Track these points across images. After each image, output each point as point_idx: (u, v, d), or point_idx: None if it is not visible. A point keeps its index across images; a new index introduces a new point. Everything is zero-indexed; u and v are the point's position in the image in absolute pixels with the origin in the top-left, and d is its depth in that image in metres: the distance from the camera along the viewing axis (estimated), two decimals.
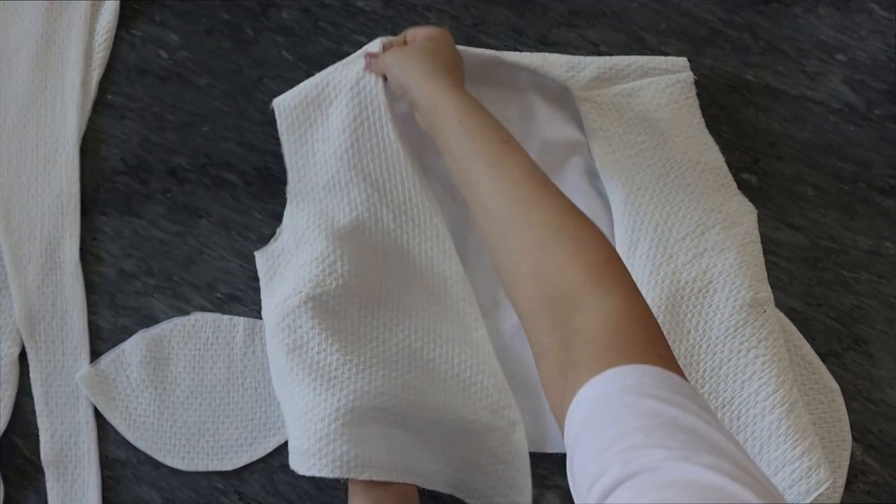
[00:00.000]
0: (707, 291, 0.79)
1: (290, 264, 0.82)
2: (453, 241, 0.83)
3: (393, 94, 0.83)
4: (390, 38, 0.84)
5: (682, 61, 0.86)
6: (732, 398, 0.77)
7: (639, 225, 0.81)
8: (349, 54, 0.90)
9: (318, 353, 0.77)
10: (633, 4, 0.91)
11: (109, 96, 0.91)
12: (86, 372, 0.84)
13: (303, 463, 0.74)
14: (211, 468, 0.83)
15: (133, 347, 0.84)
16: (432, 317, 0.80)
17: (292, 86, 0.90)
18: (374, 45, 0.85)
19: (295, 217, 0.83)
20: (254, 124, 0.90)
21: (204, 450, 0.83)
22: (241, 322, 0.85)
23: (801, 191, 0.87)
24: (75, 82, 0.90)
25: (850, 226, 0.86)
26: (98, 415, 0.84)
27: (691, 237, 0.80)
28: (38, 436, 0.84)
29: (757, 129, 0.88)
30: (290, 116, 0.85)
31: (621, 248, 0.82)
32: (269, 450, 0.83)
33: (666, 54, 0.90)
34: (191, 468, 0.83)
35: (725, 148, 0.87)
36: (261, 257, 0.84)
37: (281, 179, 0.89)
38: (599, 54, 0.88)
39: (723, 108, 0.88)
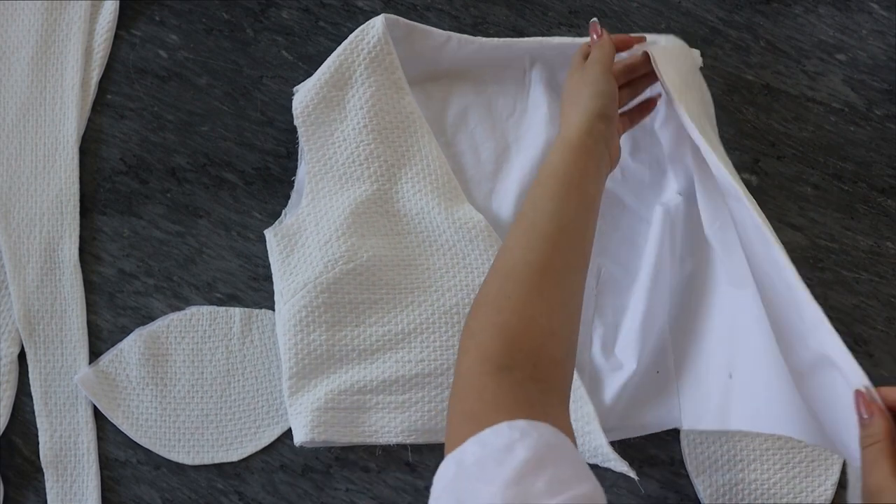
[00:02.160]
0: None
1: (309, 241, 0.82)
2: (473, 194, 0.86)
3: (405, 65, 0.85)
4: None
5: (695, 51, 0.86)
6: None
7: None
8: None
9: (355, 326, 0.80)
10: (633, 4, 0.91)
11: (109, 96, 0.91)
12: (85, 373, 0.84)
13: (334, 432, 0.78)
14: (217, 460, 0.83)
15: (131, 346, 0.84)
16: (462, 272, 0.82)
17: (292, 86, 0.90)
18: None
19: (316, 195, 0.84)
20: (253, 124, 0.90)
21: (209, 442, 0.83)
22: (237, 313, 0.85)
23: (801, 190, 0.87)
24: (75, 82, 0.90)
25: (850, 226, 0.86)
26: (98, 415, 0.84)
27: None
28: (37, 436, 0.84)
29: (757, 128, 0.88)
30: (306, 99, 0.85)
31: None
32: (273, 438, 0.83)
33: None
34: (197, 462, 0.83)
35: (725, 148, 0.87)
36: (273, 235, 0.84)
37: (281, 179, 0.89)
38: None
39: (723, 108, 0.88)
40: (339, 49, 0.85)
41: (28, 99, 0.90)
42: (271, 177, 0.89)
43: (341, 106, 0.85)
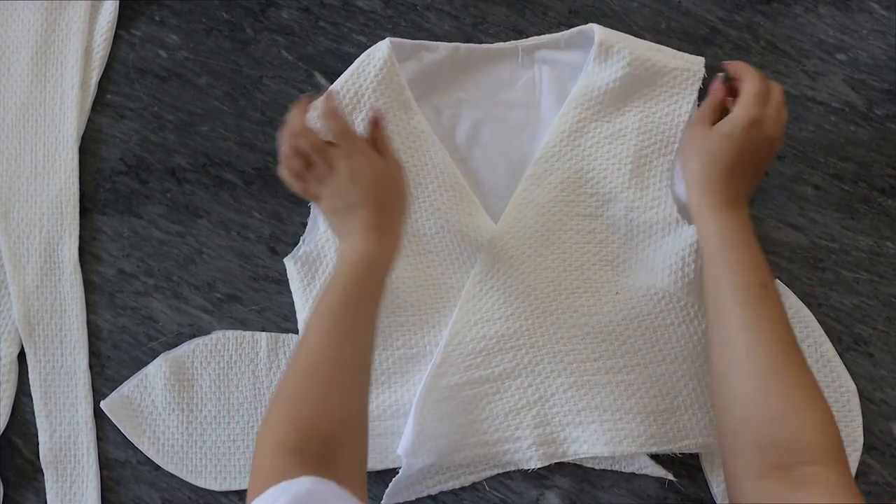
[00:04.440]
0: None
1: (331, 268, 0.82)
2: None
3: (414, 84, 0.85)
4: None
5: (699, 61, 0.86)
6: None
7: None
8: (349, 54, 0.90)
9: (383, 350, 0.81)
10: (633, 4, 0.91)
11: (109, 96, 0.91)
12: (110, 399, 0.83)
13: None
14: (245, 487, 0.82)
15: (156, 371, 0.84)
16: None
17: (292, 86, 0.90)
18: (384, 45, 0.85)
19: None
20: (253, 124, 0.90)
21: (236, 468, 0.82)
22: (263, 337, 0.84)
23: (801, 190, 0.87)
24: (75, 82, 0.90)
25: (850, 226, 0.86)
26: (98, 415, 0.84)
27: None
28: (37, 436, 0.84)
29: None
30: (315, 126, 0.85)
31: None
32: None
33: None
34: (224, 488, 0.82)
35: None
36: (293, 264, 0.83)
37: (280, 179, 0.89)
38: None
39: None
40: (346, 74, 0.85)
41: (28, 99, 0.90)
42: (271, 177, 0.89)
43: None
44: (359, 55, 0.86)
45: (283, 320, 0.86)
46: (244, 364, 0.84)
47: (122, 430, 0.83)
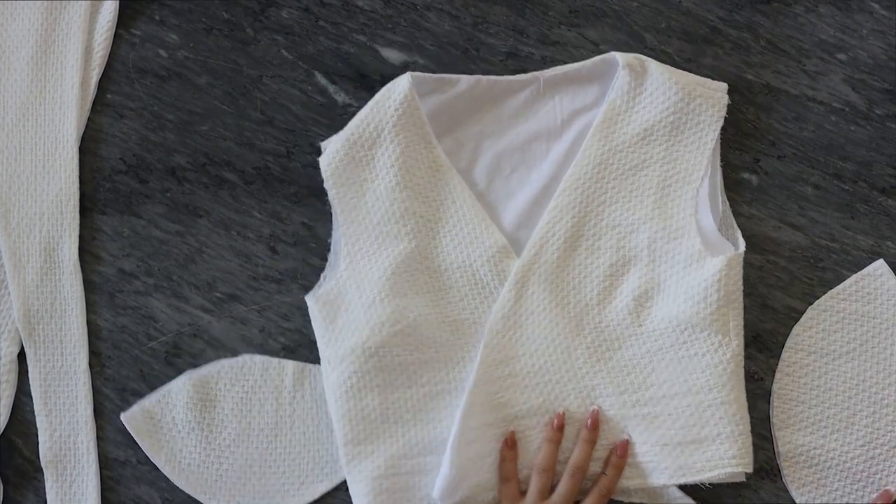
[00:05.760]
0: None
1: (353, 305, 0.81)
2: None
3: (435, 118, 0.84)
4: None
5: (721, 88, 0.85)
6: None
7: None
8: (349, 54, 0.90)
9: (408, 388, 0.79)
10: (634, 3, 0.91)
11: (109, 95, 0.91)
12: (131, 412, 0.83)
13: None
14: None
15: (179, 388, 0.83)
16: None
17: (292, 85, 0.90)
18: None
19: (354, 257, 0.82)
20: (253, 123, 0.90)
21: (251, 493, 0.82)
22: (289, 365, 0.84)
23: (801, 190, 0.87)
24: (74, 81, 0.90)
25: (850, 225, 0.86)
26: (97, 414, 0.84)
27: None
28: (37, 435, 0.84)
29: (757, 128, 0.88)
30: (334, 161, 0.84)
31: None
32: (316, 495, 0.82)
33: (666, 53, 0.90)
34: None
35: (726, 148, 0.87)
36: (314, 302, 0.82)
37: (281, 179, 0.89)
38: (600, 53, 0.88)
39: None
40: (366, 108, 0.84)
41: (28, 98, 0.90)
42: (271, 176, 0.89)
43: (371, 165, 0.84)
44: (359, 55, 0.86)
45: (283, 320, 0.86)
46: (268, 390, 0.83)
47: (140, 444, 0.83)
